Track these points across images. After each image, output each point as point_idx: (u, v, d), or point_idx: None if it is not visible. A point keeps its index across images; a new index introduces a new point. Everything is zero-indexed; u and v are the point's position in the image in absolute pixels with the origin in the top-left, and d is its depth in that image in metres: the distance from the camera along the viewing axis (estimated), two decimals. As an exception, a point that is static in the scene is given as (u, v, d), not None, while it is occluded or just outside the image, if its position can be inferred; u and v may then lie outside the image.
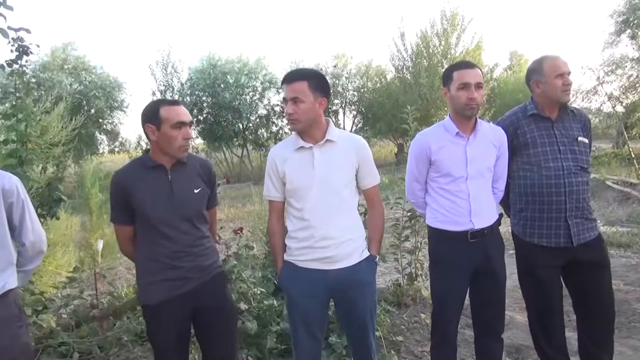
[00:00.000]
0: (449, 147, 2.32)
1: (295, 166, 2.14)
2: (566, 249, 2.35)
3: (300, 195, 2.14)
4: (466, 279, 2.37)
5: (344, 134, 2.24)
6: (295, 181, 2.14)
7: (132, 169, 2.12)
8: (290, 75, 2.13)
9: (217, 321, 2.18)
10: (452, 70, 2.31)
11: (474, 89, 2.24)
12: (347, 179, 2.17)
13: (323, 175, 2.12)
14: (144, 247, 2.10)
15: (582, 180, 2.35)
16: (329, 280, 2.14)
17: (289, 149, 2.18)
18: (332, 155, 2.14)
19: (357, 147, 2.20)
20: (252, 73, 18.83)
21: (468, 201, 2.30)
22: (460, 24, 16.78)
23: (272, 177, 2.20)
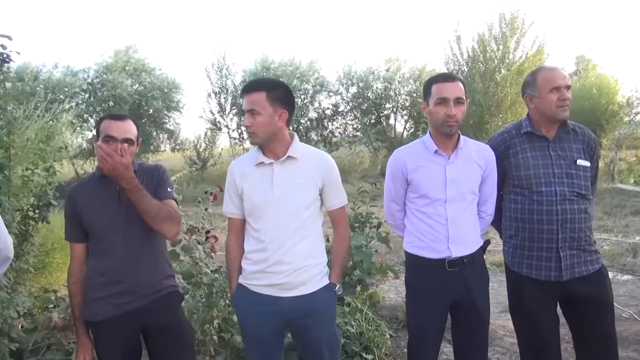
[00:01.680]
0: (427, 167, 2.13)
1: (254, 183, 2.02)
2: (557, 283, 2.11)
3: (258, 214, 2.01)
4: (444, 311, 2.17)
5: (309, 151, 2.10)
6: (252, 199, 2.02)
7: (83, 183, 2.10)
8: (248, 85, 2.01)
9: (168, 343, 2.08)
10: (432, 83, 2.12)
11: (453, 104, 2.04)
12: (309, 199, 2.02)
13: (282, 194, 1.98)
14: (91, 261, 2.06)
15: (578, 207, 2.10)
16: (282, 308, 2.00)
17: (248, 164, 2.05)
18: (293, 173, 2.00)
19: (323, 166, 2.05)
20: (304, 76, 18.91)
21: (446, 226, 2.10)
22: (520, 27, 16.01)
23: (230, 192, 2.09)
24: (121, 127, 2.01)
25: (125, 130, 2.02)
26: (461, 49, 17.00)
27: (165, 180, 2.16)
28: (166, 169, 2.23)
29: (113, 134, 1.98)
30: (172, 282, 2.16)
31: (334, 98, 19.52)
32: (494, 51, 16.33)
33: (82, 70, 17.43)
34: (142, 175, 2.09)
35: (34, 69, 16.71)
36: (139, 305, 2.00)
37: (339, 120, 19.73)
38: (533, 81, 2.17)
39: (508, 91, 15.39)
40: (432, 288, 2.13)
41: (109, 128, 2.00)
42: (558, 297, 2.18)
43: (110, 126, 2.00)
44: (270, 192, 1.99)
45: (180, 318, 2.16)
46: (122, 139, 1.99)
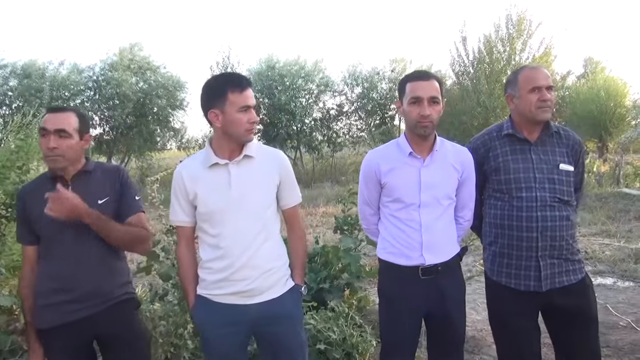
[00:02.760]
0: (401, 169, 2.03)
1: (209, 186, 1.90)
2: (537, 293, 2.01)
3: (216, 219, 1.90)
4: (418, 321, 2.07)
5: (263, 149, 2.01)
6: (209, 204, 1.89)
7: (33, 182, 2.03)
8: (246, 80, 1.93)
9: (121, 354, 2.00)
10: (406, 81, 2.02)
11: (427, 104, 1.94)
12: (269, 199, 1.94)
13: (241, 196, 1.88)
14: (41, 265, 1.97)
15: (560, 214, 2.00)
16: (249, 317, 1.90)
17: (200, 166, 1.93)
18: (250, 173, 1.91)
19: (279, 163, 1.98)
20: (309, 76, 18.82)
21: (419, 232, 2.00)
22: (527, 28, 15.83)
23: (179, 199, 1.95)
24: (56, 118, 1.93)
25: (59, 122, 1.92)
26: (467, 49, 16.86)
27: (131, 189, 2.08)
28: (128, 173, 2.14)
29: (46, 126, 1.91)
30: (127, 288, 2.07)
31: (339, 98, 19.44)
32: (500, 52, 16.17)
33: (88, 67, 17.47)
34: (100, 177, 2.02)
35: (41, 66, 16.77)
36: (88, 314, 1.92)
37: (343, 121, 19.64)
38: (514, 80, 2.07)
39: (514, 93, 15.22)
40: (405, 297, 2.04)
41: (45, 121, 1.93)
42: (539, 308, 2.08)
43: (46, 119, 1.93)
44: (228, 194, 1.88)
45: (134, 326, 2.07)
46: (54, 130, 1.90)
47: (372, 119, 19.16)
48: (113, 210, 2.01)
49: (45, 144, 1.90)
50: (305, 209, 11.44)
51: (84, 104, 17.21)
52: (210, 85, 1.91)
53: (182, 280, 2.05)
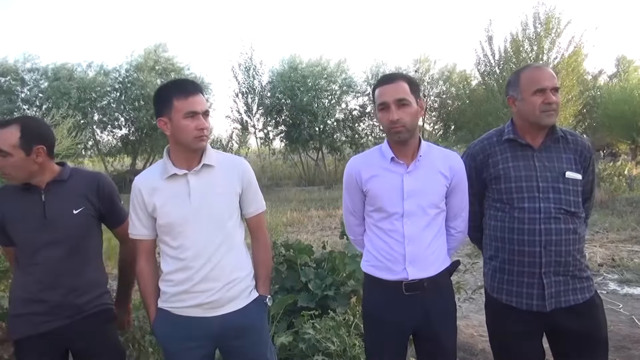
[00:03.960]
0: (383, 176, 1.90)
1: (168, 197, 1.82)
2: (540, 313, 1.84)
3: (176, 231, 1.82)
4: (403, 338, 1.93)
5: (223, 156, 1.92)
6: (168, 215, 1.81)
7: (8, 187, 1.96)
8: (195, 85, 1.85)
9: None
10: (375, 88, 1.89)
11: (395, 108, 1.80)
12: (231, 208, 1.86)
13: (201, 206, 1.80)
14: (16, 275, 1.93)
15: (565, 227, 1.82)
16: (212, 329, 1.82)
17: (157, 178, 1.84)
18: (211, 182, 1.83)
19: (240, 170, 1.89)
20: (331, 77, 18.73)
21: (402, 244, 1.86)
22: (555, 27, 15.37)
23: (137, 212, 1.87)
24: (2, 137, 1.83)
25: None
26: (493, 49, 16.50)
27: (115, 197, 2.04)
28: (108, 180, 2.07)
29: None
30: (103, 299, 2.00)
31: (361, 99, 19.28)
32: (527, 52, 15.74)
33: (114, 69, 17.78)
34: (76, 186, 1.94)
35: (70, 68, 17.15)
36: (58, 325, 1.87)
37: (366, 122, 19.47)
38: (516, 81, 1.90)
39: (541, 93, 14.78)
40: (389, 313, 1.90)
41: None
42: (543, 329, 1.91)
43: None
44: (188, 205, 1.81)
45: (106, 339, 2.00)
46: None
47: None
48: (90, 220, 1.95)
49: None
50: (325, 211, 11.38)
51: (110, 105, 17.55)
52: (157, 92, 1.85)
53: (142, 294, 1.97)
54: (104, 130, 18.38)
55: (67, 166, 1.99)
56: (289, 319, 3.49)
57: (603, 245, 7.05)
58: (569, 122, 14.79)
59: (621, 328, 4.14)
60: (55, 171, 1.95)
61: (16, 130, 1.83)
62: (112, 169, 18.42)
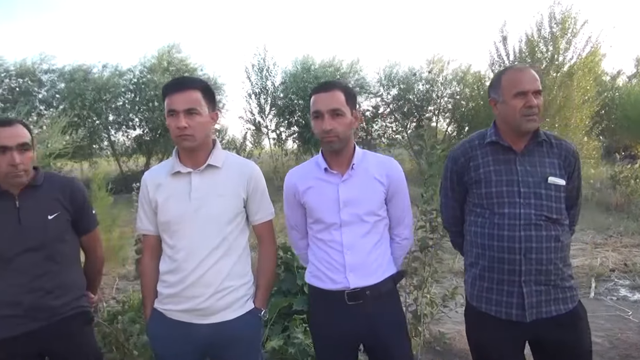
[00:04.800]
0: (318, 187, 1.88)
1: (169, 194, 1.81)
2: (520, 323, 1.78)
3: (174, 230, 1.80)
4: (351, 352, 1.90)
5: (233, 159, 1.89)
6: (167, 212, 1.81)
7: None
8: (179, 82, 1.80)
9: None
10: (311, 95, 1.86)
11: (328, 117, 1.78)
12: (232, 212, 1.81)
13: (200, 206, 1.77)
14: None
15: (547, 234, 1.76)
16: (201, 337, 1.78)
17: (163, 174, 1.85)
18: (214, 183, 1.80)
19: (247, 175, 1.84)
20: (344, 77, 18.65)
21: (342, 253, 1.83)
22: (571, 27, 15.07)
23: (144, 206, 1.89)
24: (11, 134, 1.84)
25: (17, 135, 1.85)
26: (507, 49, 16.24)
27: (88, 204, 2.04)
28: (83, 187, 2.07)
29: (6, 143, 1.81)
30: (80, 302, 2.00)
31: (374, 100, 19.17)
32: (542, 52, 15.48)
33: (128, 70, 17.95)
34: (50, 191, 1.94)
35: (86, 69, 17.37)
36: (34, 328, 1.86)
37: (379, 123, 19.35)
38: (497, 83, 1.85)
39: (556, 94, 14.51)
40: (333, 324, 1.87)
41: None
42: (524, 339, 1.85)
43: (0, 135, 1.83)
44: (187, 204, 1.79)
45: (83, 341, 1.99)
46: (16, 145, 1.83)
47: (408, 121, 18.77)
48: (65, 226, 1.96)
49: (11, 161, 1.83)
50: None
51: (125, 105, 17.70)
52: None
53: (142, 291, 1.97)
54: (119, 131, 18.58)
55: (40, 171, 1.98)
56: (285, 323, 3.47)
57: (616, 250, 6.89)
58: (585, 124, 14.50)
59: (629, 336, 4.02)
60: (31, 175, 1.94)
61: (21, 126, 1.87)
62: (126, 169, 18.60)
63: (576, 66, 14.64)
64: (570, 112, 14.28)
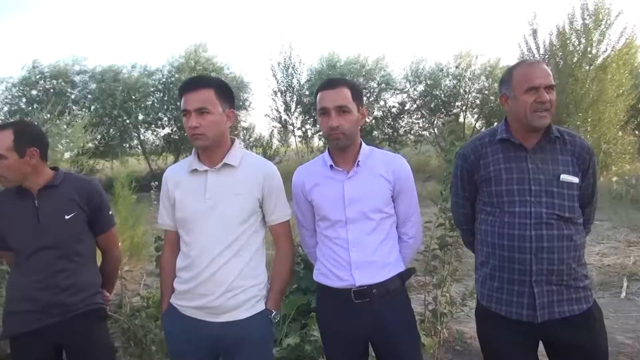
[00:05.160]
0: (324, 185, 1.88)
1: (186, 191, 1.85)
2: (530, 324, 1.74)
3: (189, 227, 1.84)
4: (360, 349, 1.89)
5: (250, 159, 1.89)
6: (183, 209, 1.84)
7: (3, 192, 2.03)
8: (192, 82, 1.82)
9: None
10: (317, 91, 1.86)
11: (335, 114, 1.77)
12: (246, 212, 1.82)
13: (214, 205, 1.80)
14: (13, 275, 2.00)
15: (559, 234, 1.71)
16: (212, 335, 1.80)
17: (183, 171, 1.89)
18: (229, 182, 1.81)
19: (264, 175, 1.85)
20: (370, 74, 18.56)
21: (347, 250, 1.83)
22: (605, 18, 14.58)
23: (164, 202, 1.93)
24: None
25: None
26: (537, 43, 15.83)
27: (105, 205, 2.09)
28: (101, 188, 2.12)
29: None
30: (93, 299, 2.05)
31: (400, 96, 19.00)
32: (574, 45, 15.03)
33: (157, 70, 18.30)
34: (68, 191, 1.99)
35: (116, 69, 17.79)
36: (49, 323, 1.92)
37: (405, 119, 19.18)
38: (508, 78, 1.80)
39: (589, 88, 14.08)
40: (340, 323, 1.86)
41: None
42: (536, 340, 1.80)
43: None
44: (203, 202, 1.81)
45: (96, 338, 2.04)
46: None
47: (435, 117, 18.54)
48: (81, 225, 2.01)
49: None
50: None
51: (154, 104, 18.05)
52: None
53: (161, 285, 2.02)
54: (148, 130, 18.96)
55: (60, 171, 2.05)
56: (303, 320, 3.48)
57: (648, 249, 6.65)
58: (619, 118, 14.03)
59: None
60: (48, 176, 2.01)
61: (10, 134, 1.90)
62: (155, 167, 18.97)
63: (610, 59, 14.17)
64: (604, 106, 13.84)
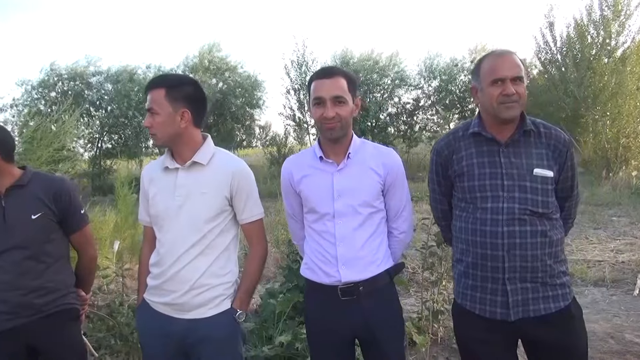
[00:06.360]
0: (313, 176, 1.85)
1: (159, 189, 1.86)
2: (506, 323, 1.69)
3: (160, 224, 1.85)
4: (346, 347, 1.86)
5: (221, 157, 1.87)
6: (155, 206, 1.86)
7: None
8: (149, 82, 1.84)
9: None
10: (311, 80, 1.82)
11: (330, 104, 1.73)
12: (213, 211, 1.81)
13: (182, 203, 1.80)
14: None
15: (532, 230, 1.65)
16: (177, 331, 1.81)
17: (157, 168, 1.90)
18: (197, 181, 1.81)
19: (233, 173, 1.82)
20: (383, 71, 18.42)
21: (334, 245, 1.79)
22: (625, 9, 14.18)
23: (142, 198, 1.96)
24: None
25: None
26: (554, 35, 15.51)
27: (75, 204, 2.05)
28: (70, 187, 2.09)
29: None
30: (66, 299, 2.03)
31: (415, 92, 18.83)
32: (593, 37, 14.67)
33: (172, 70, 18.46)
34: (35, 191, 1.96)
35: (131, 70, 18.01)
36: (18, 324, 1.91)
37: (420, 116, 19.00)
38: (477, 70, 1.75)
39: (608, 81, 13.73)
40: (327, 319, 1.83)
41: None
42: (513, 339, 1.75)
43: None
44: (172, 200, 1.82)
45: (66, 337, 2.03)
46: None
47: (450, 113, 18.33)
48: (50, 225, 1.98)
49: None
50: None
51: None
52: None
53: (138, 280, 2.03)
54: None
55: (28, 170, 2.02)
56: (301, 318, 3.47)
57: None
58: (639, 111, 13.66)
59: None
60: (16, 175, 1.99)
61: None
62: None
63: (630, 50, 13.80)
64: (624, 99, 13.48)
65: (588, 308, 4.36)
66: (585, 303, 4.49)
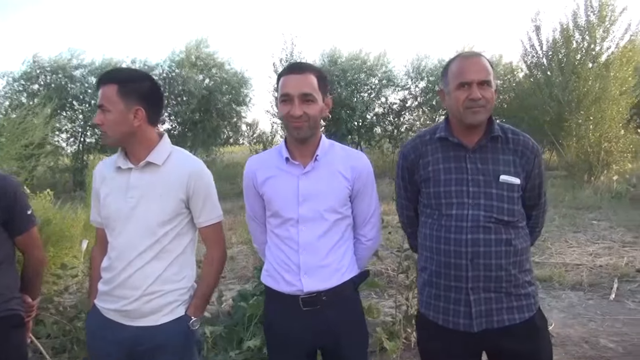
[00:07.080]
0: (278, 178, 1.76)
1: (110, 189, 1.77)
2: (469, 334, 1.64)
3: (112, 227, 1.76)
4: (308, 358, 1.79)
5: (178, 157, 1.79)
6: (107, 208, 1.76)
7: None
8: (100, 77, 1.73)
9: None
10: (280, 76, 1.73)
11: (298, 102, 1.65)
12: (168, 214, 1.72)
13: (134, 206, 1.71)
14: None
15: (497, 238, 1.60)
16: (127, 339, 1.73)
17: (110, 167, 1.80)
18: (151, 182, 1.72)
19: (189, 174, 1.74)
20: (371, 70, 18.39)
21: (297, 253, 1.71)
22: (609, 15, 14.33)
23: (94, 198, 1.85)
24: None
25: None
26: (540, 39, 15.62)
27: (22, 204, 1.95)
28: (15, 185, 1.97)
29: None
30: (9, 305, 1.93)
31: (402, 93, 18.85)
32: (578, 42, 14.80)
33: (157, 65, 18.24)
34: None
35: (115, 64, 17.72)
36: None
37: (406, 116, 19.03)
38: (445, 72, 1.70)
39: (592, 85, 13.85)
40: (288, 329, 1.76)
41: None
42: (477, 350, 1.70)
43: None
44: (124, 202, 1.73)
45: (9, 344, 1.93)
46: None
47: (437, 114, 18.37)
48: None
49: None
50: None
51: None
52: None
53: (89, 284, 1.95)
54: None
55: None
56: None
57: (647, 249, 6.51)
58: (622, 117, 13.81)
59: (646, 343, 3.77)
60: None
61: None
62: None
63: (614, 56, 13.94)
64: (607, 104, 13.61)
65: (565, 312, 4.37)
66: (562, 307, 4.49)
